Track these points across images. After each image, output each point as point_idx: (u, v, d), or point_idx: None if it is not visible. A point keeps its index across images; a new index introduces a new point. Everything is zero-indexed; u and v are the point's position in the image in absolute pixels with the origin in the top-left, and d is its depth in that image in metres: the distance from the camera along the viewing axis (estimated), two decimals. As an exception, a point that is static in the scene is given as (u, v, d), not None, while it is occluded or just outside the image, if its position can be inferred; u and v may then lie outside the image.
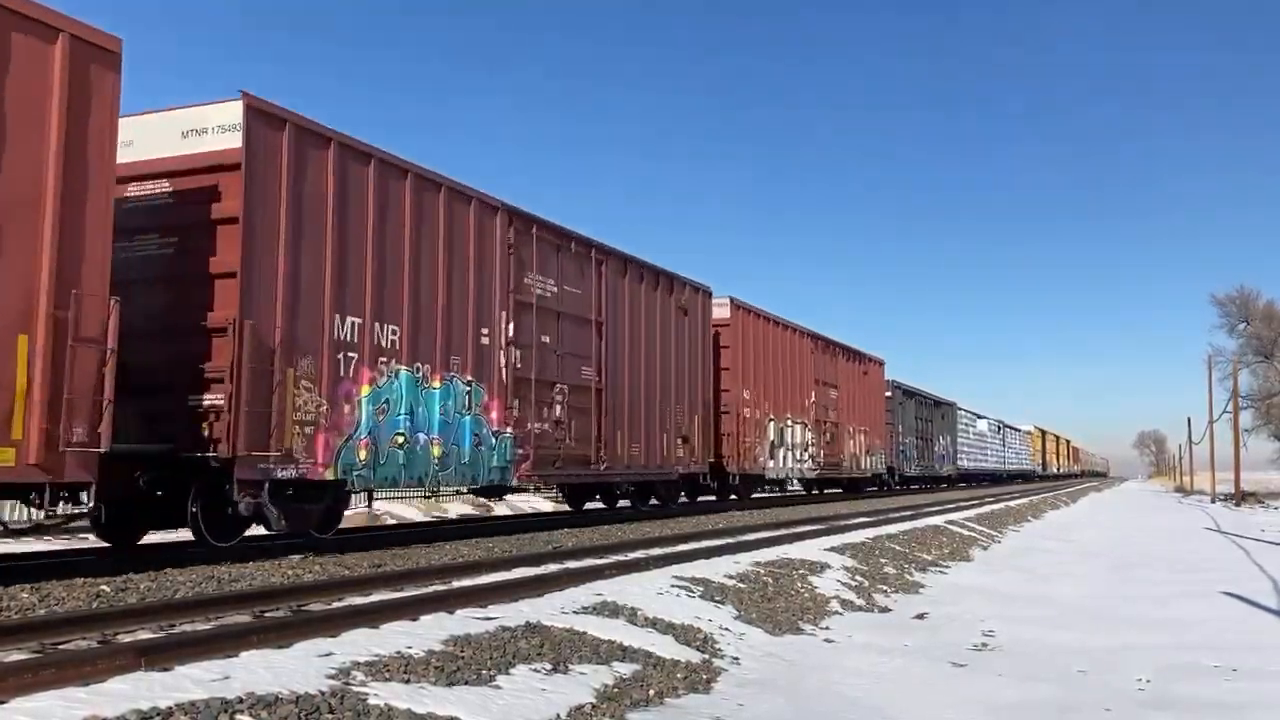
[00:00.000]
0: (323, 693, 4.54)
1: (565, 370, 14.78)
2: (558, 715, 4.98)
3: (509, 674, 5.44)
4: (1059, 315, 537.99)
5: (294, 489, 10.13)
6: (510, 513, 21.90)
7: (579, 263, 15.40)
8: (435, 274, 12.11)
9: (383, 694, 4.66)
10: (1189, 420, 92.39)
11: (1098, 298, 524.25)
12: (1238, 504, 42.51)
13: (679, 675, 6.12)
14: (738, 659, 6.86)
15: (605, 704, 5.28)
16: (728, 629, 7.62)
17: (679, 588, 8.56)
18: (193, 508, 9.62)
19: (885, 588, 11.03)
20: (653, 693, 5.68)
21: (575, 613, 7.02)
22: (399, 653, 5.41)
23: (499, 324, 13.23)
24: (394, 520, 20.25)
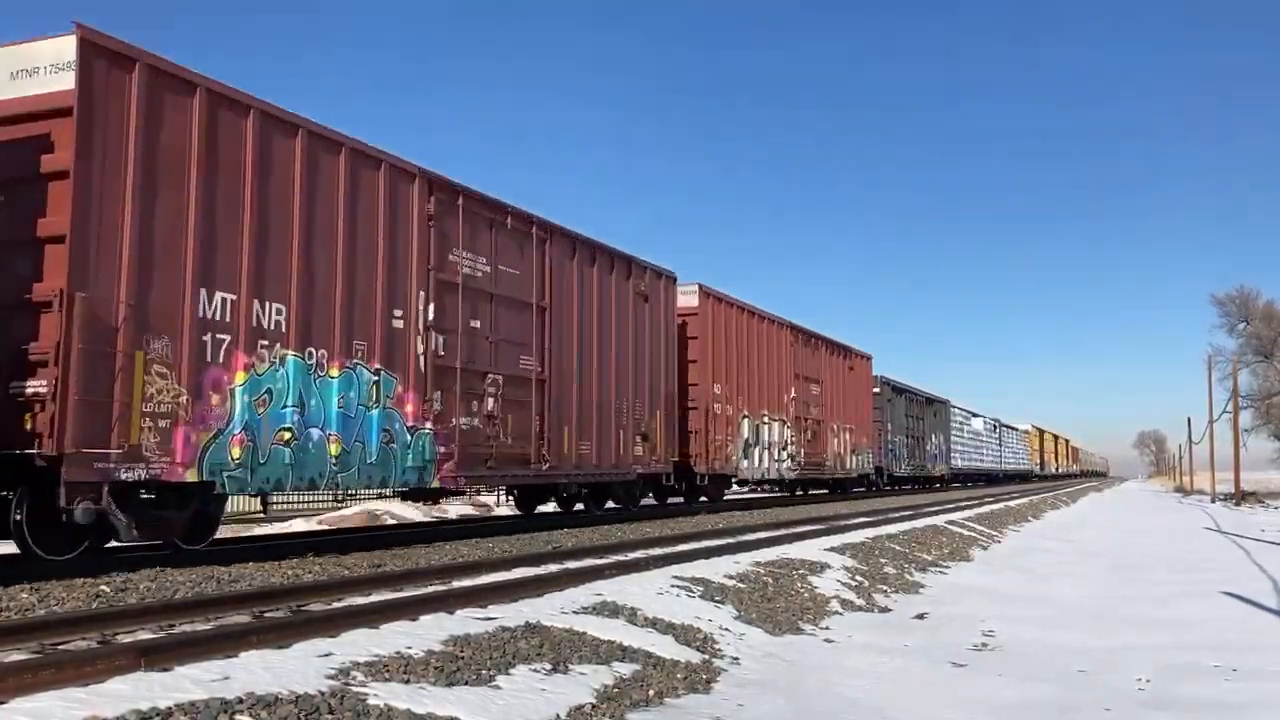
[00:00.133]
0: (322, 693, 4.54)
1: (500, 359, 13.27)
2: (557, 715, 4.98)
3: (509, 674, 5.44)
4: (1059, 315, 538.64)
5: (152, 493, 8.89)
6: (510, 513, 21.88)
7: (517, 240, 13.81)
8: (334, 247, 10.60)
9: (382, 694, 4.66)
10: (1189, 420, 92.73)
11: (1098, 298, 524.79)
12: (1237, 504, 42.54)
13: (679, 675, 6.12)
14: (738, 659, 6.86)
15: (605, 704, 5.28)
16: (728, 629, 7.62)
17: (679, 588, 8.57)
18: (15, 515, 8.30)
19: (885, 588, 11.03)
20: (652, 693, 5.68)
21: (575, 613, 7.02)
22: (399, 653, 5.42)
23: (415, 305, 11.76)
24: (394, 520, 20.28)
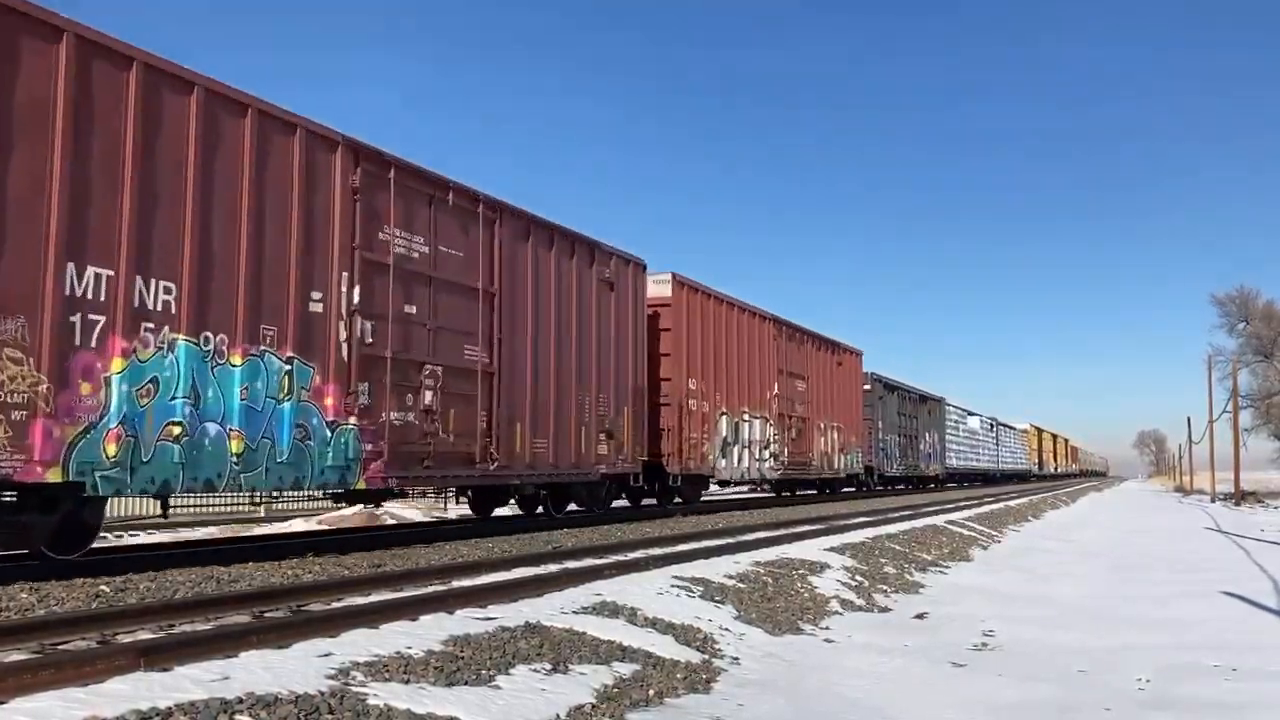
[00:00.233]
0: (322, 693, 4.54)
1: (440, 349, 12.17)
2: (557, 715, 4.98)
3: (509, 674, 5.44)
4: (1059, 315, 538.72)
5: (13, 495, 8.09)
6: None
7: (461, 219, 12.72)
8: (237, 220, 9.54)
9: (382, 694, 4.66)
10: (1189, 420, 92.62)
11: (1098, 298, 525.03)
12: (1237, 503, 42.55)
13: (679, 675, 6.12)
14: (737, 659, 6.86)
15: (605, 704, 5.28)
16: (727, 629, 7.62)
17: (679, 588, 8.56)
18: None
19: (885, 587, 11.03)
20: (652, 693, 5.68)
21: (575, 613, 7.02)
22: (398, 653, 5.41)
23: (337, 287, 10.65)
24: (394, 520, 20.27)
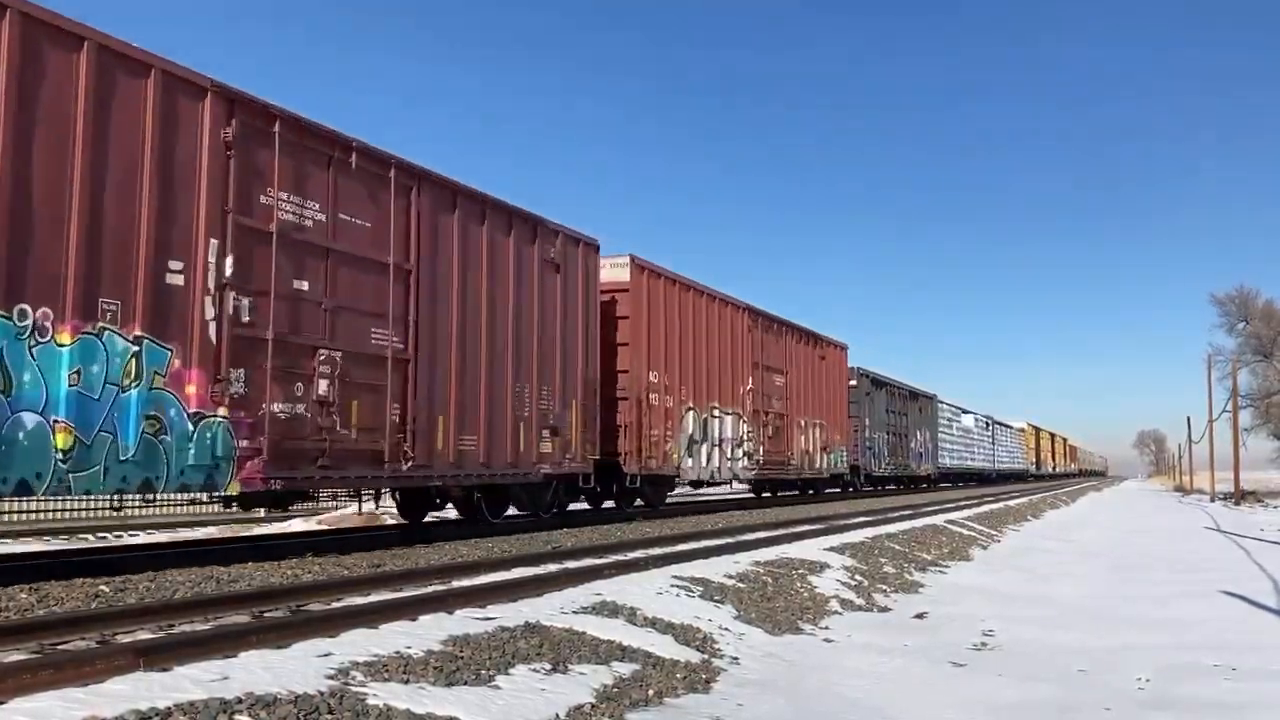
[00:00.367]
0: (322, 693, 4.54)
1: (340, 331, 10.68)
2: (557, 715, 4.98)
3: (508, 674, 5.43)
4: (1058, 315, 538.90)
5: None
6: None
7: (369, 185, 11.21)
8: (66, 172, 8.11)
9: (382, 694, 4.66)
10: (1188, 420, 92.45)
11: (1098, 298, 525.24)
12: (1237, 503, 42.54)
13: (678, 675, 6.11)
14: (737, 659, 6.86)
15: (604, 704, 5.28)
16: (727, 629, 7.62)
17: (678, 587, 8.56)
18: None
19: (885, 587, 11.03)
20: (652, 693, 5.67)
21: (574, 613, 7.02)
22: (398, 653, 5.41)
23: (203, 257, 9.14)
24: (393, 521, 20.24)
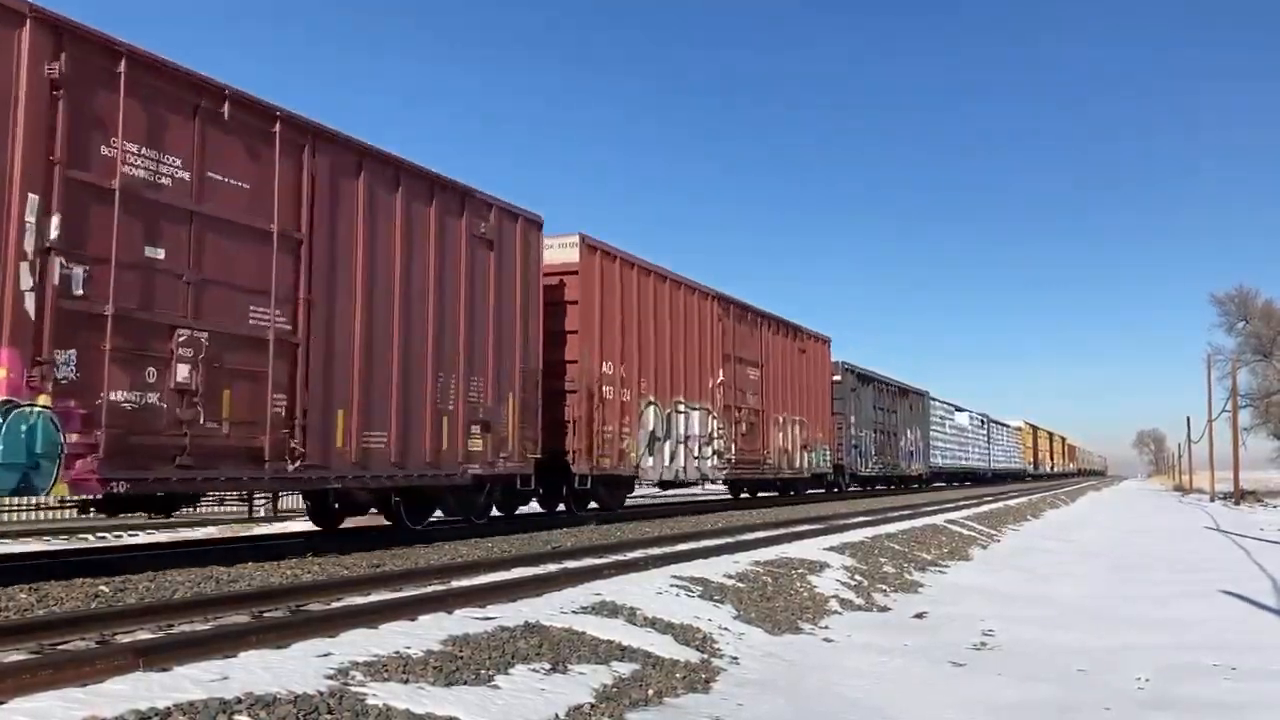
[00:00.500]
0: (321, 693, 4.53)
1: (207, 309, 9.19)
2: (556, 715, 4.97)
3: (508, 674, 5.43)
4: (1058, 315, 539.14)
5: None
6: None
7: (249, 141, 9.77)
8: None
9: (381, 694, 4.65)
10: (1188, 419, 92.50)
11: (1097, 298, 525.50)
12: (1237, 503, 42.55)
13: (678, 675, 6.11)
14: (737, 659, 6.86)
15: (604, 704, 5.27)
16: (727, 629, 7.62)
17: (678, 587, 8.56)
18: None
19: (884, 587, 11.03)
20: (652, 692, 5.67)
21: (574, 612, 7.02)
22: (398, 653, 5.41)
23: (18, 216, 7.85)
24: (391, 521, 20.18)
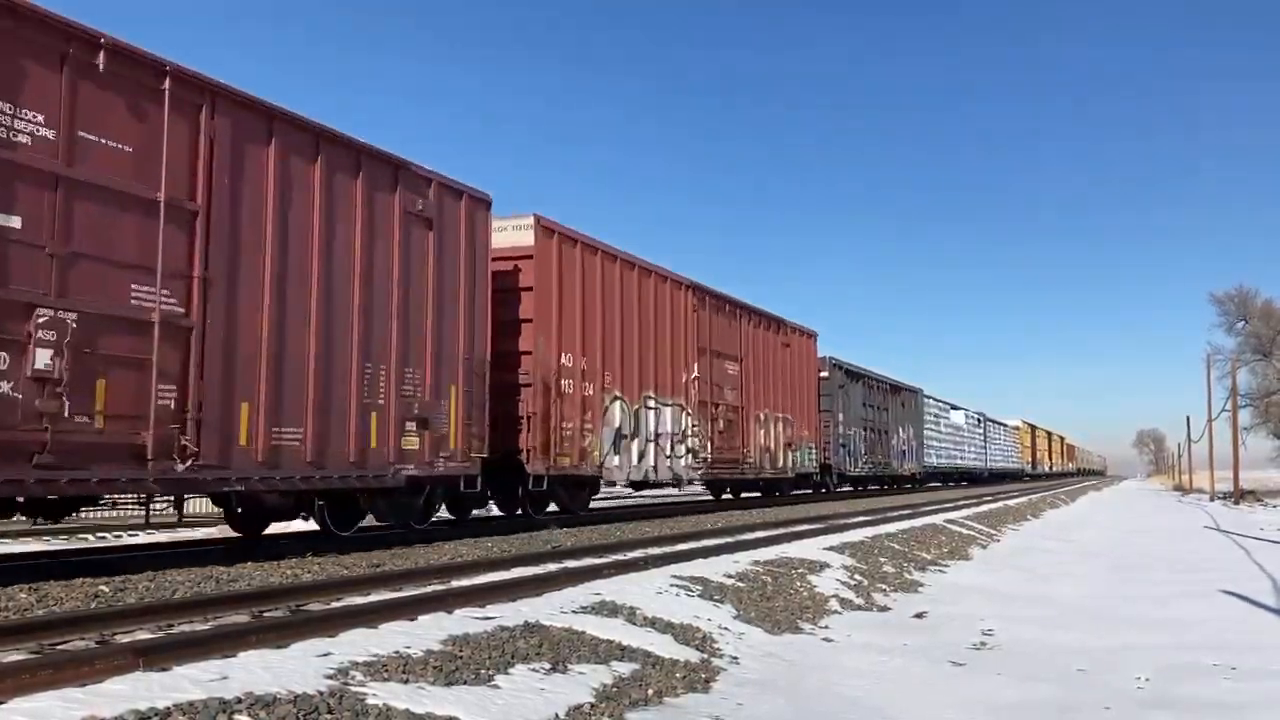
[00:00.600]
0: (321, 693, 4.53)
1: (76, 286, 8.13)
2: (556, 715, 4.97)
3: (508, 673, 5.43)
4: (1058, 315, 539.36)
5: None
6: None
7: (132, 99, 8.62)
8: None
9: (381, 694, 4.65)
10: (1188, 419, 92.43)
11: (1097, 298, 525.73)
12: (1236, 502, 42.55)
13: (678, 675, 6.11)
14: (737, 658, 6.85)
15: (604, 703, 5.27)
16: (727, 628, 7.61)
17: (678, 587, 8.56)
18: None
19: (884, 587, 11.03)
20: (651, 692, 5.67)
21: (574, 612, 7.01)
22: (397, 652, 5.41)
23: None
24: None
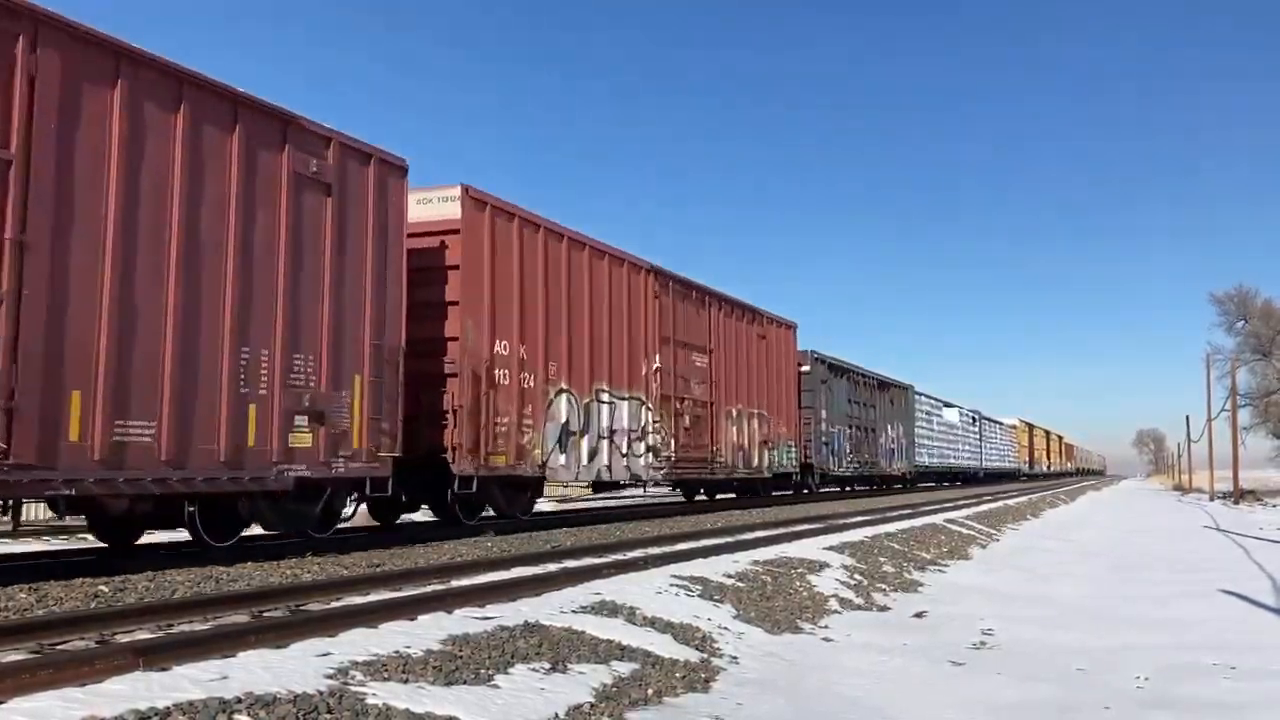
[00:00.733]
0: (321, 692, 4.53)
1: None
2: (556, 714, 4.97)
3: (508, 673, 5.43)
4: (1058, 315, 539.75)
5: None
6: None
7: None
8: None
9: (381, 693, 4.65)
10: (1187, 419, 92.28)
11: (1097, 297, 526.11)
12: (1236, 502, 42.56)
13: (678, 674, 6.11)
14: (736, 658, 6.85)
15: (604, 703, 5.27)
16: (726, 628, 7.61)
17: (677, 587, 8.56)
18: None
19: (884, 586, 11.03)
20: (651, 692, 5.67)
21: (574, 612, 7.01)
22: (397, 652, 5.40)
23: None
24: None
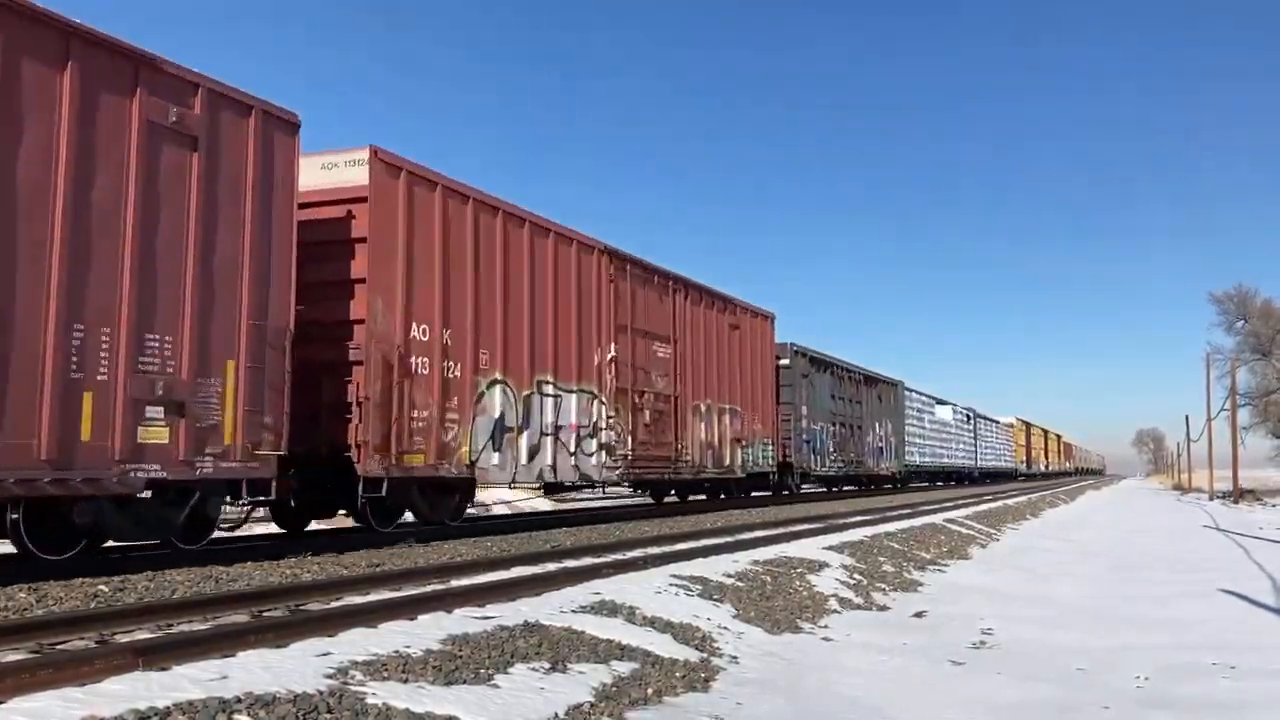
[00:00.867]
0: (321, 692, 4.53)
1: None
2: (556, 714, 4.97)
3: (507, 673, 5.43)
4: (1058, 315, 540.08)
5: None
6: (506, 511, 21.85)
7: None
8: None
9: (381, 693, 4.65)
10: (1187, 418, 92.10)
11: (1097, 297, 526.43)
12: (1236, 502, 42.59)
13: (677, 674, 6.11)
14: (736, 658, 6.86)
15: (604, 703, 5.27)
16: (726, 628, 7.61)
17: (677, 586, 8.56)
18: None
19: (884, 586, 11.03)
20: (651, 692, 5.67)
21: (573, 612, 7.01)
22: (397, 652, 5.41)
23: None
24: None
